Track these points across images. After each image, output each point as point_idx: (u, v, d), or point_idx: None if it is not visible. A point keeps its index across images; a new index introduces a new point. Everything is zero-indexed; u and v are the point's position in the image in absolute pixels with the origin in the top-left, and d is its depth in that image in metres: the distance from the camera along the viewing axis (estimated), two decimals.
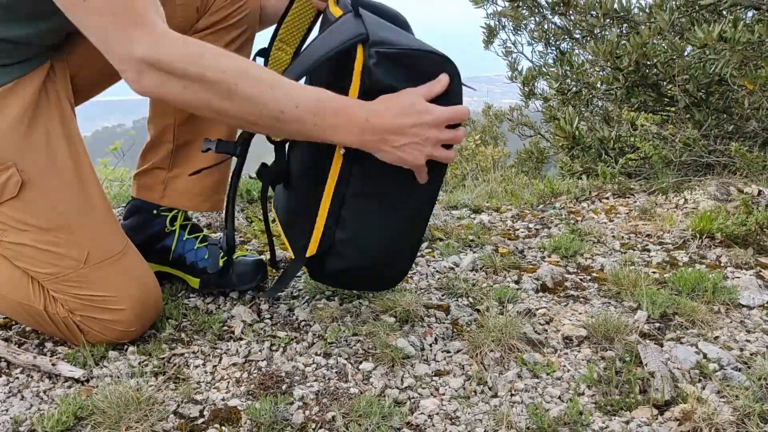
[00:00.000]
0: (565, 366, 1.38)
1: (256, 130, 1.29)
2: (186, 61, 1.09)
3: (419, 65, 1.21)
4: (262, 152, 1.65)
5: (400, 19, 1.35)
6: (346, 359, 1.38)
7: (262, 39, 1.59)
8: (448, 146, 1.24)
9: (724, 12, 2.90)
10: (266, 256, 1.75)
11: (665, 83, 2.90)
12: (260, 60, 1.49)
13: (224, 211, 1.54)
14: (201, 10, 1.45)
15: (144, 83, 1.11)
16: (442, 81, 1.21)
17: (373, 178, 1.29)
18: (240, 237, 2.04)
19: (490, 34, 4.06)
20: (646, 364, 1.34)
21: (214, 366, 1.37)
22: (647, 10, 3.15)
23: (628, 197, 2.49)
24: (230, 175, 1.69)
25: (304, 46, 1.48)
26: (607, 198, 2.50)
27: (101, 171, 3.87)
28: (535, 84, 4.00)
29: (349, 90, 1.21)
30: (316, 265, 1.39)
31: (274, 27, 1.51)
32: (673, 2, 3.08)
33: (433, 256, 1.90)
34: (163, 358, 1.39)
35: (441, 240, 2.02)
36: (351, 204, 1.30)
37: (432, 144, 1.20)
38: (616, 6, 2.98)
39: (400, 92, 1.20)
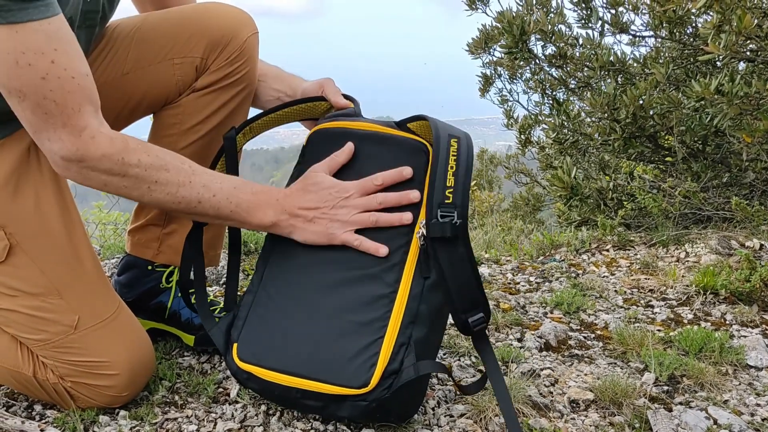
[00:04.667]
0: None
1: (180, 215, 1.37)
2: (109, 161, 1.16)
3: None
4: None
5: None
6: (345, 425, 1.33)
7: None
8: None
9: (719, 64, 2.93)
10: None
11: (663, 134, 2.90)
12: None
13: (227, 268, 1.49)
14: (200, 69, 1.44)
15: (67, 174, 1.20)
16: (346, 150, 1.29)
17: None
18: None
19: (486, 83, 4.10)
20: None
21: None
22: (641, 61, 3.19)
23: (629, 249, 2.47)
24: (226, 230, 1.67)
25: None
26: (608, 250, 2.47)
27: (95, 214, 3.83)
28: (531, 132, 4.03)
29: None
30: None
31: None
32: (668, 54, 3.12)
33: None
34: (155, 423, 1.34)
35: None
36: (428, 297, 1.23)
37: (344, 219, 1.25)
38: (611, 58, 3.01)
39: (307, 171, 1.31)
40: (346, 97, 1.46)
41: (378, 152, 1.28)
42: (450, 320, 1.80)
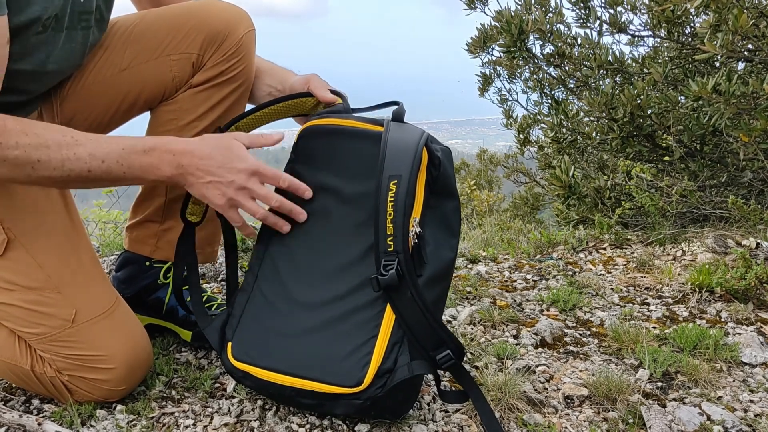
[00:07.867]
0: (566, 428, 1.35)
1: (72, 187, 1.32)
2: None
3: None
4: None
5: None
6: (341, 420, 1.34)
7: None
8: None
9: (717, 64, 2.94)
10: None
11: (660, 133, 2.91)
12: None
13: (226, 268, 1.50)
14: (196, 65, 1.44)
15: None
16: (275, 137, 1.32)
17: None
18: None
19: (486, 82, 4.11)
20: (649, 427, 1.31)
21: (205, 426, 1.33)
22: (640, 61, 3.20)
23: (626, 248, 2.48)
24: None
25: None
26: (605, 248, 2.48)
27: (96, 213, 3.84)
28: (530, 131, 4.04)
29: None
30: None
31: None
32: (667, 54, 3.13)
33: None
34: (152, 418, 1.35)
35: None
36: (421, 294, 1.23)
37: (235, 189, 1.24)
38: (609, 58, 3.02)
39: (224, 134, 1.29)
40: (333, 92, 1.46)
41: (366, 149, 1.29)
42: None
